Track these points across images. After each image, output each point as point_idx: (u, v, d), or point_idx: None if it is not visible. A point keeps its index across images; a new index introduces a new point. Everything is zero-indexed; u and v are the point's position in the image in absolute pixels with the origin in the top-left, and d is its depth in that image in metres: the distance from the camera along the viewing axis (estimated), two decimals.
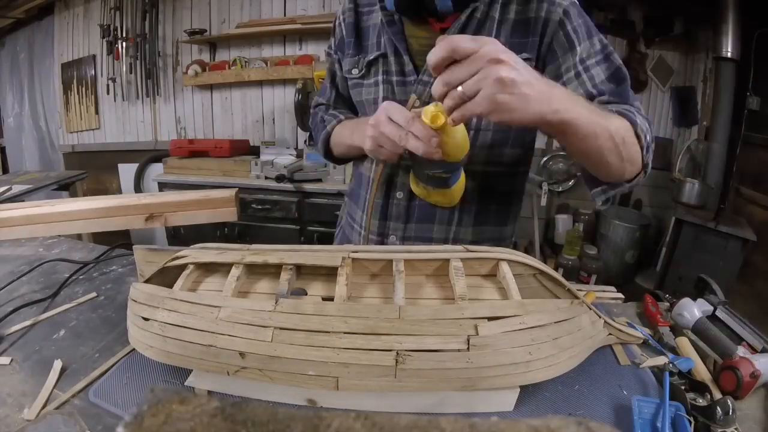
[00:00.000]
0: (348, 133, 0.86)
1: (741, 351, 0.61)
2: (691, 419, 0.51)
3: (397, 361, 0.48)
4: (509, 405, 0.54)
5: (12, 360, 0.62)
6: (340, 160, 0.99)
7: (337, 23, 0.91)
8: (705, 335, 0.68)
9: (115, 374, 0.59)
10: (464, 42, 0.50)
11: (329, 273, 0.62)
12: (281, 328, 0.51)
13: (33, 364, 0.61)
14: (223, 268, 0.64)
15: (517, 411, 0.53)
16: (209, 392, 0.56)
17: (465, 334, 0.49)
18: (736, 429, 0.50)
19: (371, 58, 0.83)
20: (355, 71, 0.86)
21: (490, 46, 0.50)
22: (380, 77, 0.82)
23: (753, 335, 0.65)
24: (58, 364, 0.59)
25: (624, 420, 0.52)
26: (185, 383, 0.56)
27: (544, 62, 0.75)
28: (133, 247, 0.75)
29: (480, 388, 0.50)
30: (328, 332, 0.50)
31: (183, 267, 0.64)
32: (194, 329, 0.52)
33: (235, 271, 0.60)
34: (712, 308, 0.72)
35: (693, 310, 0.71)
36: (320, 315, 0.51)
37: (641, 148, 0.67)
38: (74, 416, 0.51)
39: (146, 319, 0.56)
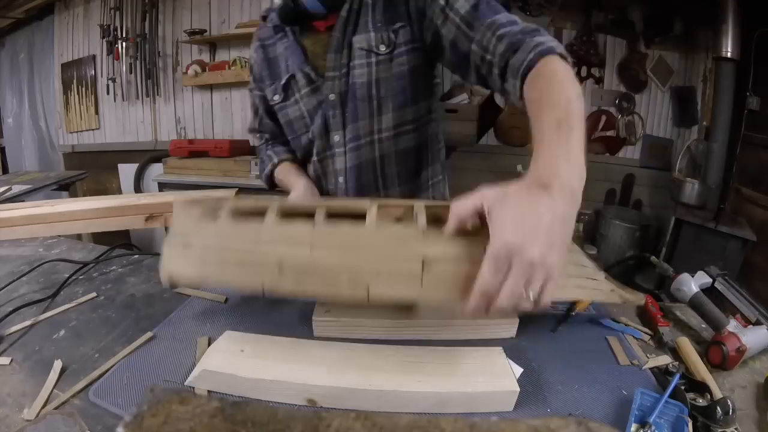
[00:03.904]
0: (284, 183, 1.01)
1: (732, 325, 0.64)
2: (689, 420, 0.51)
3: (423, 267, 0.50)
4: (509, 405, 0.54)
5: (12, 360, 0.62)
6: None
7: (252, 62, 1.02)
8: (700, 310, 0.70)
9: (115, 374, 0.59)
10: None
11: (357, 218, 0.64)
12: (319, 242, 0.54)
13: (33, 364, 0.61)
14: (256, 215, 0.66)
15: (517, 411, 0.53)
16: (209, 392, 0.56)
17: (482, 246, 0.45)
18: (736, 429, 0.50)
19: (284, 82, 0.92)
20: (276, 97, 0.96)
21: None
22: (297, 95, 0.92)
23: (749, 307, 0.68)
24: (58, 364, 0.59)
25: (623, 419, 0.52)
26: (185, 383, 0.56)
27: (419, 24, 0.81)
28: (174, 201, 0.75)
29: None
30: (362, 245, 0.53)
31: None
32: (235, 248, 0.55)
33: (271, 213, 0.62)
34: (711, 280, 0.74)
35: (691, 284, 0.73)
36: (355, 232, 0.55)
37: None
38: (74, 416, 0.51)
39: (187, 244, 0.59)
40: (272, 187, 1.07)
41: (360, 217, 0.63)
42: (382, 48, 0.83)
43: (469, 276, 0.49)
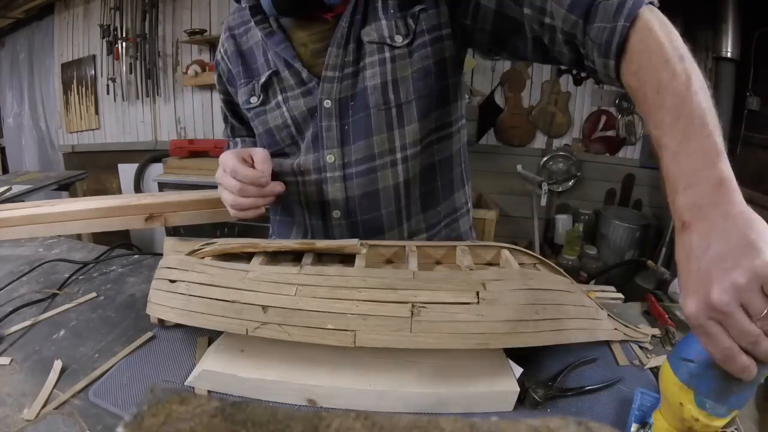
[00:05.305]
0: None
1: None
2: None
3: (412, 313, 0.50)
4: (509, 405, 0.54)
5: (12, 360, 0.62)
6: None
7: (219, 58, 0.83)
8: None
9: (115, 374, 0.59)
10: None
11: (347, 260, 0.66)
12: (305, 285, 0.54)
13: (33, 364, 0.61)
14: (244, 257, 0.68)
15: (517, 411, 0.53)
16: (209, 392, 0.56)
17: (474, 290, 0.52)
18: (736, 429, 0.50)
19: (264, 80, 0.75)
20: (253, 99, 0.78)
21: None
22: (279, 97, 0.75)
23: None
24: (58, 364, 0.59)
25: (623, 419, 0.52)
26: (185, 383, 0.56)
27: (446, 1, 0.69)
28: (165, 238, 0.77)
29: (493, 346, 0.51)
30: (349, 288, 0.53)
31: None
32: (221, 287, 0.55)
33: (259, 256, 0.64)
34: None
35: None
36: (342, 276, 0.55)
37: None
38: (74, 416, 0.51)
39: (173, 281, 0.59)
40: None
41: (350, 258, 0.64)
42: (399, 39, 0.68)
43: (461, 320, 0.50)
